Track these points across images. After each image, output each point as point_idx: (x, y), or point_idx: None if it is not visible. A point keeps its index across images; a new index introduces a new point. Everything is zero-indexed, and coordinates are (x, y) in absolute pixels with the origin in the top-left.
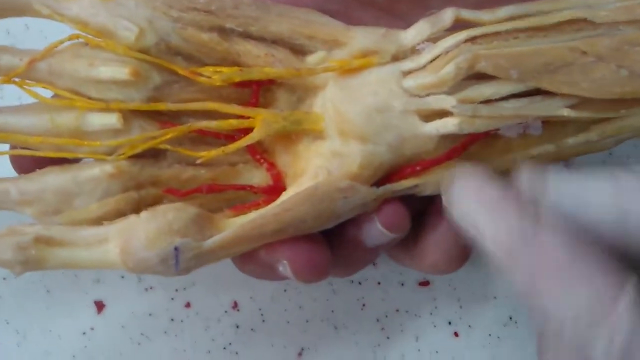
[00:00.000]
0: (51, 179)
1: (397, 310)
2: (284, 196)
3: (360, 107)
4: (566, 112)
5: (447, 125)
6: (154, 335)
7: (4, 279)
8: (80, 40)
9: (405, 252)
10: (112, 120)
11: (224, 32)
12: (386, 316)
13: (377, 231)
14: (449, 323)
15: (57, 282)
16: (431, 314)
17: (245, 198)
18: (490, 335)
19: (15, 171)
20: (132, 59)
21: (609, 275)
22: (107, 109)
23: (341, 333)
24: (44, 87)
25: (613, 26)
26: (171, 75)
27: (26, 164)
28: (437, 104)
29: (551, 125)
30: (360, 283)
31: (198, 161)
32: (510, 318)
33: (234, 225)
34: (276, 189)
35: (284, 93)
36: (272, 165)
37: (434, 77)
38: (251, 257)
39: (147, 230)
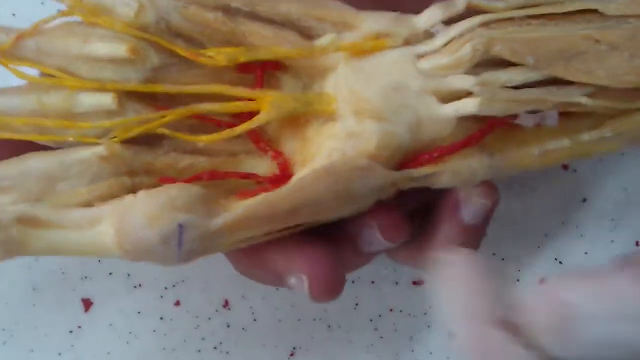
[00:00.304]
0: (34, 163)
1: (391, 310)
2: (296, 178)
3: (376, 86)
4: (584, 100)
5: (467, 105)
6: (142, 334)
7: None
8: (74, 18)
9: (408, 251)
10: (106, 100)
11: (228, 12)
12: (380, 315)
13: (375, 239)
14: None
15: (43, 279)
16: (425, 313)
17: (247, 188)
18: None
19: None
20: (130, 36)
21: None
22: (101, 89)
23: (334, 332)
24: (31, 66)
25: (622, 19)
26: (170, 57)
27: (1, 151)
28: (455, 84)
29: (567, 118)
30: (353, 282)
31: (199, 145)
32: None
33: (243, 205)
34: (283, 178)
35: (289, 78)
36: (278, 153)
37: (451, 58)
38: (261, 262)
39: (147, 206)
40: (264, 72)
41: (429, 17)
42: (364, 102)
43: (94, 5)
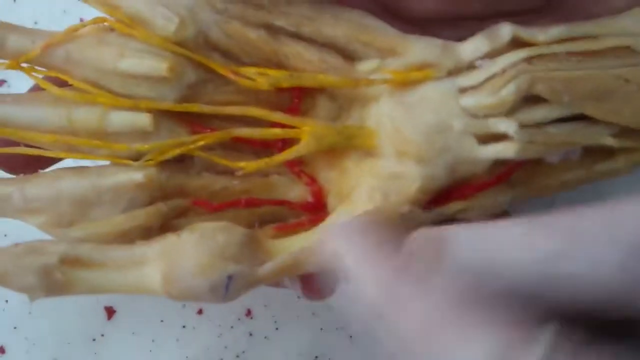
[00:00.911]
0: (66, 185)
1: None
2: (337, 218)
3: (421, 126)
4: (610, 141)
5: (507, 150)
6: (165, 343)
7: None
8: (105, 24)
9: None
10: (142, 120)
11: (271, 30)
12: None
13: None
14: None
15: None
16: None
17: (279, 213)
18: None
19: (4, 171)
20: (168, 52)
21: (514, 329)
22: (135, 108)
23: (356, 342)
24: (58, 76)
25: None
26: (206, 73)
27: (19, 164)
28: (498, 128)
29: (585, 151)
30: None
31: (238, 173)
32: None
33: (286, 249)
34: (316, 206)
35: (325, 100)
36: (312, 181)
37: (495, 98)
38: None
39: (197, 255)
40: (302, 93)
41: (474, 49)
42: (408, 144)
43: (132, 15)
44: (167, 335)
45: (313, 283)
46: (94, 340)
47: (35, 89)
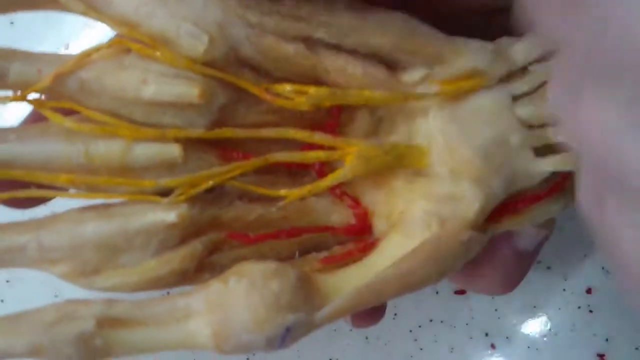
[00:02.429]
0: (89, 230)
1: (431, 320)
2: (392, 247)
3: (477, 143)
4: None
5: (567, 163)
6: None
7: (7, 281)
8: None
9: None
10: (171, 152)
11: (309, 43)
12: (419, 326)
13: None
14: (486, 334)
15: (65, 286)
16: (467, 324)
17: (320, 239)
18: (529, 347)
19: (8, 206)
20: (196, 74)
21: None
22: (162, 138)
23: (372, 344)
24: (70, 107)
25: None
26: (237, 92)
27: (23, 199)
28: (557, 139)
29: None
30: None
31: (280, 204)
32: (550, 329)
33: (342, 288)
34: (361, 229)
35: (364, 113)
36: (356, 203)
37: None
38: None
39: (251, 308)
40: (341, 109)
41: (528, 52)
42: (464, 163)
43: (154, 35)
44: None
45: (364, 312)
46: None
47: (34, 117)
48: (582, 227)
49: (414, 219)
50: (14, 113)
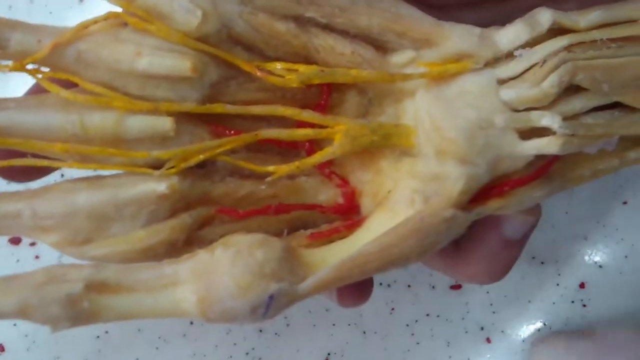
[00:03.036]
0: (82, 199)
1: (428, 315)
2: (377, 223)
3: (461, 123)
4: None
5: (551, 146)
6: (172, 339)
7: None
8: (118, 19)
9: (443, 258)
10: (163, 125)
11: (300, 22)
12: (416, 321)
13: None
14: (481, 328)
15: None
16: (463, 318)
17: (309, 217)
18: (523, 341)
19: (5, 179)
20: (189, 49)
21: None
22: (155, 111)
23: (369, 338)
24: (67, 79)
25: None
26: (229, 70)
27: (18, 171)
28: (541, 122)
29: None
30: (389, 286)
31: (268, 179)
32: (545, 323)
33: (327, 261)
34: (348, 208)
35: (354, 95)
36: (344, 182)
37: (537, 90)
38: None
39: (235, 275)
40: (331, 88)
41: (514, 37)
42: (449, 143)
43: (149, 9)
44: (175, 331)
45: (349, 290)
46: (97, 337)
47: (35, 90)
48: (575, 223)
49: (399, 197)
50: (19, 86)
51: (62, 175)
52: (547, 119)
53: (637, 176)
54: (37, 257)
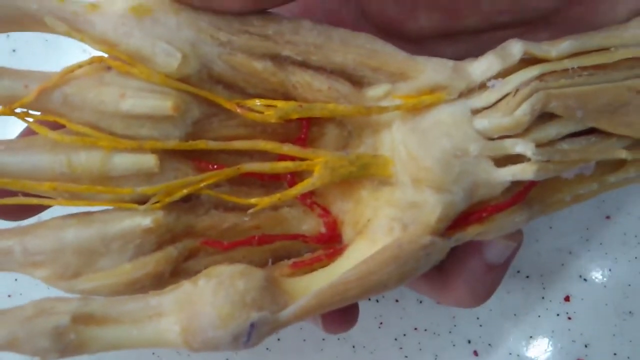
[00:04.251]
0: (70, 235)
1: (416, 329)
2: (357, 252)
3: (437, 153)
4: (624, 154)
5: (526, 172)
6: (165, 354)
7: (16, 280)
8: (101, 63)
9: (427, 282)
10: (147, 162)
11: (277, 60)
12: (404, 335)
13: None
14: (469, 342)
15: None
16: (450, 332)
17: (292, 248)
18: (510, 354)
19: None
20: (171, 89)
21: None
22: (139, 149)
23: (358, 352)
24: (55, 121)
25: None
26: (211, 108)
27: (13, 210)
28: (515, 149)
29: (597, 164)
30: (377, 301)
31: (250, 211)
32: (531, 336)
33: (307, 289)
34: (330, 238)
35: (333, 128)
36: (325, 212)
37: (510, 119)
38: None
39: (217, 305)
40: (310, 122)
41: (486, 69)
42: (424, 171)
43: (131, 53)
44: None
45: (334, 317)
46: None
47: (27, 133)
48: (559, 238)
49: (378, 225)
50: (18, 130)
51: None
52: (520, 146)
53: (620, 191)
54: None
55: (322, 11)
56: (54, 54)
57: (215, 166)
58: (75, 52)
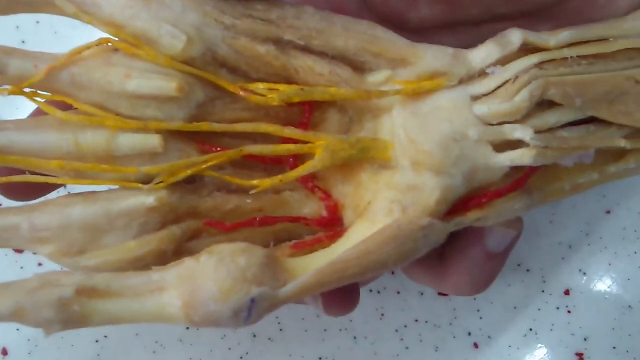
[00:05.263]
0: (76, 212)
1: (417, 320)
2: (356, 233)
3: (436, 136)
4: (623, 143)
5: (524, 157)
6: (168, 344)
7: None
8: (108, 44)
9: (427, 270)
10: (151, 142)
11: (280, 45)
12: (405, 326)
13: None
14: (469, 334)
15: None
16: (451, 324)
17: (294, 230)
18: (510, 346)
19: (4, 196)
20: (176, 71)
21: None
22: (144, 129)
23: (360, 343)
24: (63, 100)
25: None
26: (214, 90)
27: (20, 190)
28: (513, 134)
29: (597, 153)
30: (379, 292)
31: (252, 192)
32: (530, 329)
33: (307, 268)
34: (331, 221)
35: (335, 113)
36: (327, 195)
37: (509, 104)
38: None
39: (218, 279)
40: (312, 107)
41: (485, 56)
42: (424, 154)
43: (137, 35)
44: (171, 336)
45: (335, 299)
46: (96, 341)
47: (37, 113)
48: (559, 231)
49: (378, 207)
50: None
51: (65, 188)
52: (519, 132)
53: (620, 186)
54: (40, 264)
55: (325, 1)
56: (63, 45)
57: (218, 148)
58: (83, 43)
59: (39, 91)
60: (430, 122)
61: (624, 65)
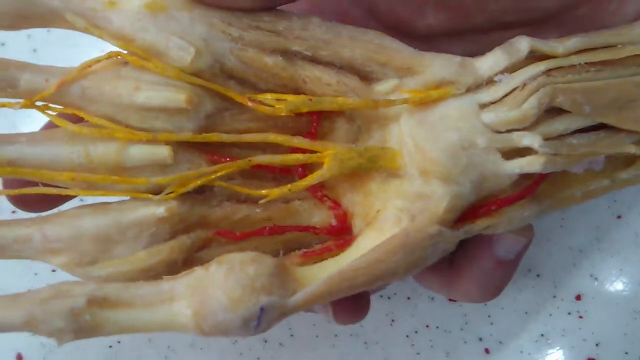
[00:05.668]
0: (88, 223)
1: (427, 326)
2: (366, 241)
3: (444, 145)
4: (633, 149)
5: (533, 164)
6: (180, 349)
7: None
8: (118, 57)
9: (438, 277)
10: (161, 153)
11: (287, 56)
12: (416, 332)
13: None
14: (480, 339)
15: None
16: (462, 329)
17: (303, 239)
18: (521, 352)
19: (17, 207)
20: (184, 83)
21: None
22: (154, 141)
23: (370, 348)
24: (73, 113)
25: None
26: (223, 102)
27: (34, 201)
28: (522, 142)
29: (607, 160)
30: (389, 298)
31: (262, 201)
32: (542, 335)
33: (317, 277)
34: (340, 229)
35: (343, 122)
36: (336, 204)
37: (517, 112)
38: None
39: (227, 289)
40: (320, 117)
41: (493, 64)
42: (433, 163)
43: (146, 48)
44: (182, 341)
45: (345, 307)
46: (110, 347)
47: (49, 126)
48: (570, 237)
49: (387, 216)
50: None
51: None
52: (527, 139)
53: (631, 191)
54: (53, 270)
55: (331, 11)
56: (74, 54)
57: (227, 159)
58: (94, 52)
59: (50, 104)
60: (438, 130)
61: (632, 72)
